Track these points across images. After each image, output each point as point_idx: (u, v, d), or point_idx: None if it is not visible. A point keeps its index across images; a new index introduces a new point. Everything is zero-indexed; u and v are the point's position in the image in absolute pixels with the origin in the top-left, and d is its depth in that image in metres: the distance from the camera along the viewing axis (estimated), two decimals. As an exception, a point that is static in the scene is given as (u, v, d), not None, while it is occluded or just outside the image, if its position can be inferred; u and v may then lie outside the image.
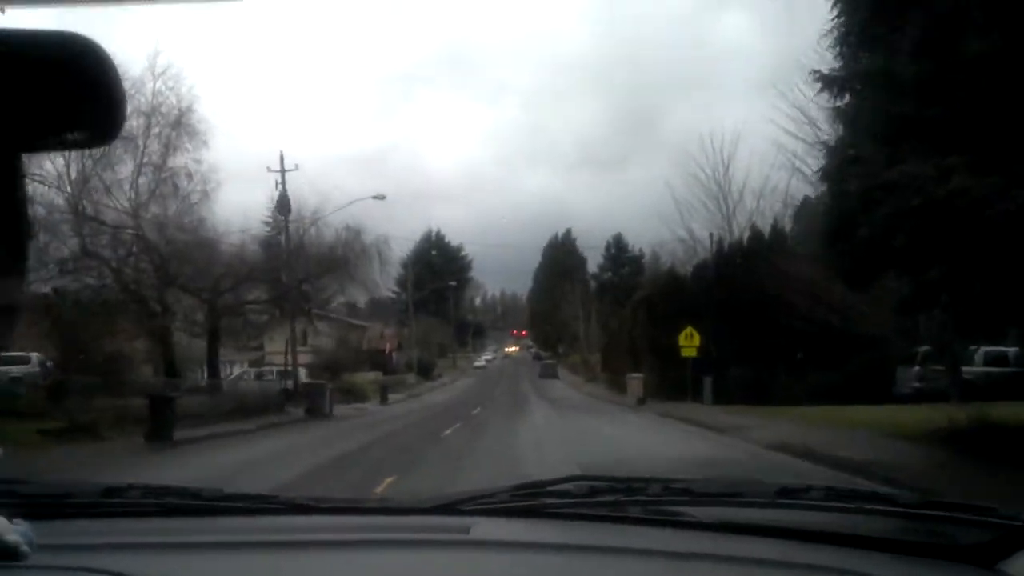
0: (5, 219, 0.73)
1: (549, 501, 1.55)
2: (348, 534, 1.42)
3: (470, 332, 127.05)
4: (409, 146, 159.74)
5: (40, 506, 1.36)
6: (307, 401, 27.75)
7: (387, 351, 72.75)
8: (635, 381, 31.75)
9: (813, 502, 1.52)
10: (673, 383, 31.07)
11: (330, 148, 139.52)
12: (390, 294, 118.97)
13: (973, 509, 1.43)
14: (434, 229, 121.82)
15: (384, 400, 38.38)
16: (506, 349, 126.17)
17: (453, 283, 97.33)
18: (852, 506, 1.50)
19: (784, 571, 1.23)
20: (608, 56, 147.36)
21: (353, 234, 35.92)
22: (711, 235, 34.18)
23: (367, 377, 53.50)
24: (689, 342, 30.39)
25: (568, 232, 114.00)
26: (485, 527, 1.43)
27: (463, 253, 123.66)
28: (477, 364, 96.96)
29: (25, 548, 0.78)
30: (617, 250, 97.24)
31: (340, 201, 36.53)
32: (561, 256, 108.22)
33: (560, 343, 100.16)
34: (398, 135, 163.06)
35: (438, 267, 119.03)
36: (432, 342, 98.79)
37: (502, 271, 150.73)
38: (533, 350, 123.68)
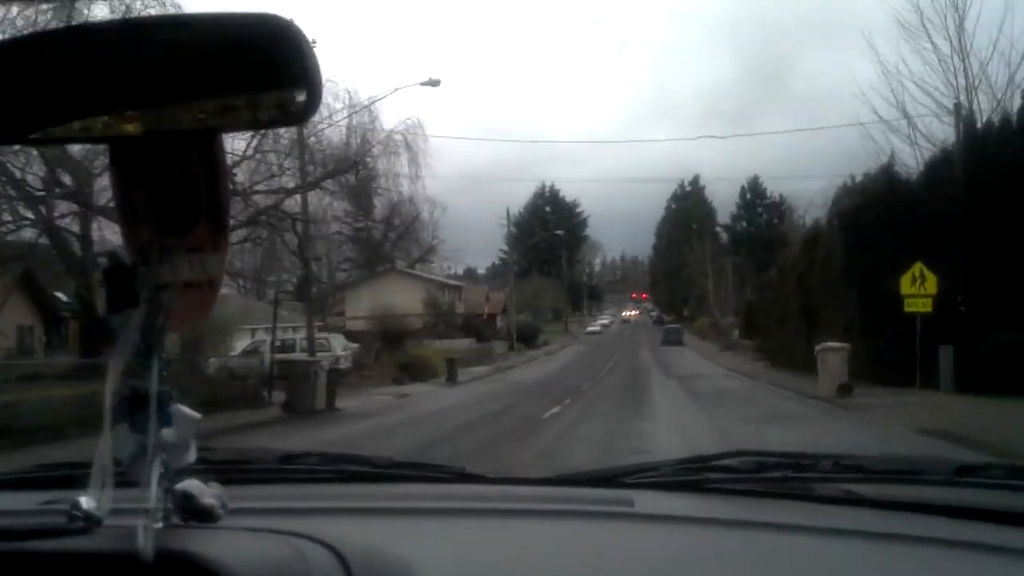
0: (209, 198, 0.78)
1: (713, 476, 1.53)
2: (516, 503, 1.43)
3: (585, 294, 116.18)
4: (529, 109, 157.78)
5: (225, 471, 1.39)
6: (288, 391, 17.78)
7: (483, 315, 63.10)
8: (833, 356, 18.73)
9: (993, 480, 1.48)
10: (885, 357, 19.29)
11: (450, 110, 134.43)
12: (502, 255, 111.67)
13: None
14: (548, 183, 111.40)
15: (452, 379, 28.28)
16: (624, 313, 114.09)
17: (560, 232, 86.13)
18: None
19: (957, 551, 1.15)
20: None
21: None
22: (956, 104, 20.99)
23: (457, 346, 44.24)
24: (918, 289, 18.55)
25: (696, 180, 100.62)
26: (649, 500, 1.41)
27: (579, 209, 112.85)
28: (591, 329, 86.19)
29: (220, 511, 0.83)
30: (753, 195, 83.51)
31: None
32: (688, 207, 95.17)
33: (685, 305, 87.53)
34: (518, 98, 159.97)
35: (552, 224, 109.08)
36: (542, 306, 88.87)
37: (624, 234, 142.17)
38: (655, 313, 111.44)
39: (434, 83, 25.24)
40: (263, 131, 17.43)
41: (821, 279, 24.28)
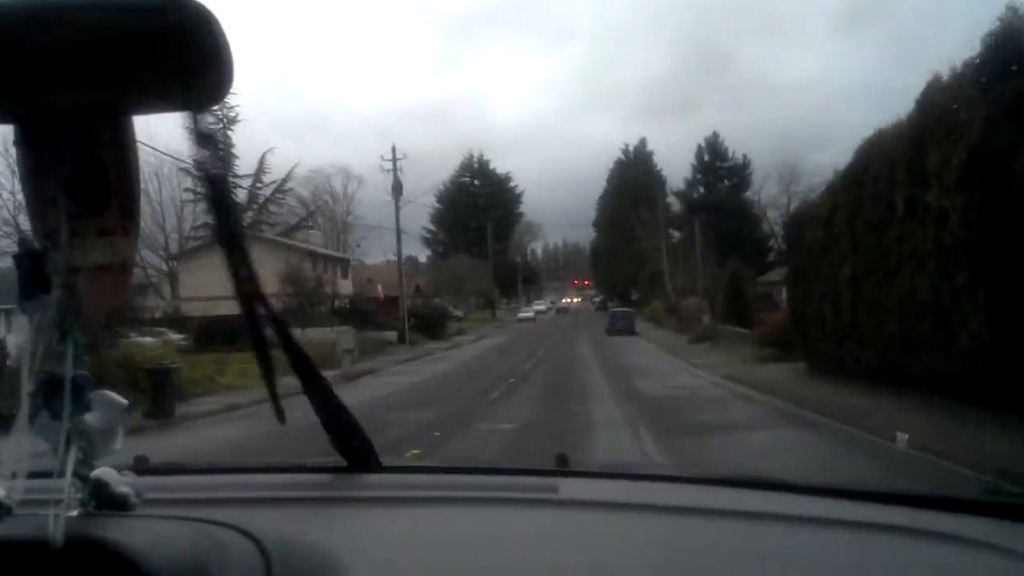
0: (119, 181, 0.77)
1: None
2: (438, 491, 1.41)
3: (520, 278, 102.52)
4: (470, 98, 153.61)
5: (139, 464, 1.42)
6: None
7: (378, 298, 48.79)
8: None
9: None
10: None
11: (393, 102, 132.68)
12: (425, 234, 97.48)
13: None
14: (476, 153, 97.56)
15: (161, 407, 14.17)
16: (563, 300, 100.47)
17: (472, 180, 72.54)
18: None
19: (869, 533, 1.16)
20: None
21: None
22: None
23: (324, 337, 30.25)
24: None
25: (643, 143, 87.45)
26: (573, 486, 1.42)
27: (512, 184, 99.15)
28: (522, 316, 72.60)
29: (134, 499, 0.82)
30: (712, 156, 70.57)
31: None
32: (634, 176, 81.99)
33: (633, 288, 74.28)
34: (460, 87, 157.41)
35: (481, 199, 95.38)
36: (465, 289, 74.99)
37: (565, 220, 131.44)
38: (598, 299, 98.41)
39: None
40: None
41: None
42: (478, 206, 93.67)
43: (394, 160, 40.52)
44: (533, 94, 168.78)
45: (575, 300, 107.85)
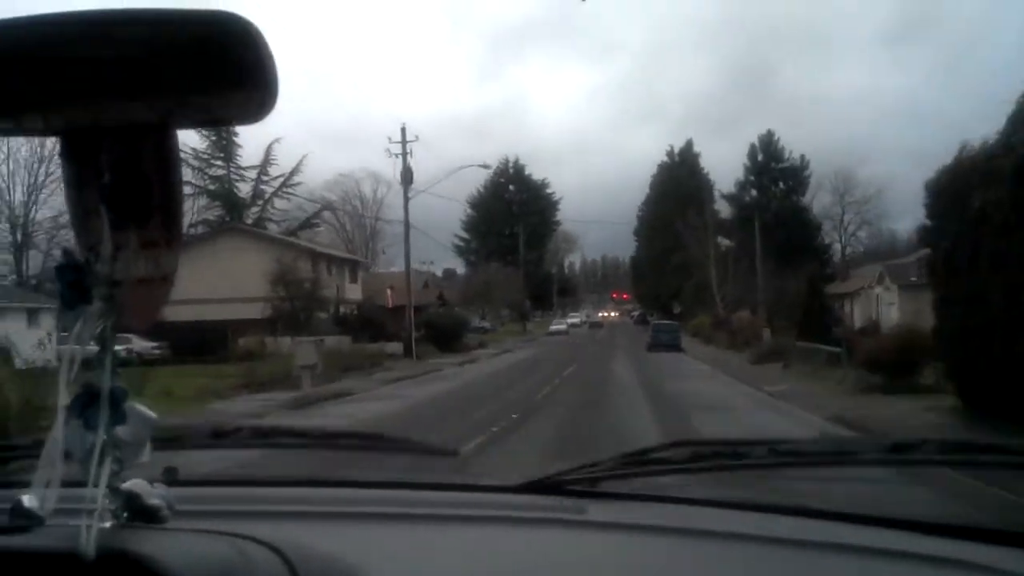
0: (162, 194, 0.77)
1: (653, 468, 1.52)
2: (467, 510, 1.40)
3: (555, 290, 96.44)
4: (514, 110, 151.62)
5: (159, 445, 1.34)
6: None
7: (388, 305, 43.31)
8: None
9: (928, 456, 1.48)
10: None
11: (434, 113, 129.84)
12: (457, 242, 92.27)
13: None
14: (512, 158, 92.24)
15: None
16: (599, 314, 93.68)
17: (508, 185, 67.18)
18: (966, 459, 1.47)
19: (895, 563, 1.16)
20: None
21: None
22: None
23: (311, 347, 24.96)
24: None
25: (689, 145, 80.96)
26: (600, 509, 1.40)
27: (548, 190, 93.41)
28: (554, 328, 66.64)
29: (166, 511, 0.83)
30: (767, 157, 64.03)
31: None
32: (679, 179, 75.66)
33: (676, 301, 67.72)
34: (504, 98, 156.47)
35: (516, 205, 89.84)
36: (495, 299, 69.27)
37: (605, 237, 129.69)
38: (636, 313, 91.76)
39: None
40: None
41: None
42: (512, 213, 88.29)
43: (403, 143, 34.94)
44: (577, 107, 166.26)
45: (612, 314, 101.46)
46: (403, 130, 35.06)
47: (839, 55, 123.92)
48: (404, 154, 34.52)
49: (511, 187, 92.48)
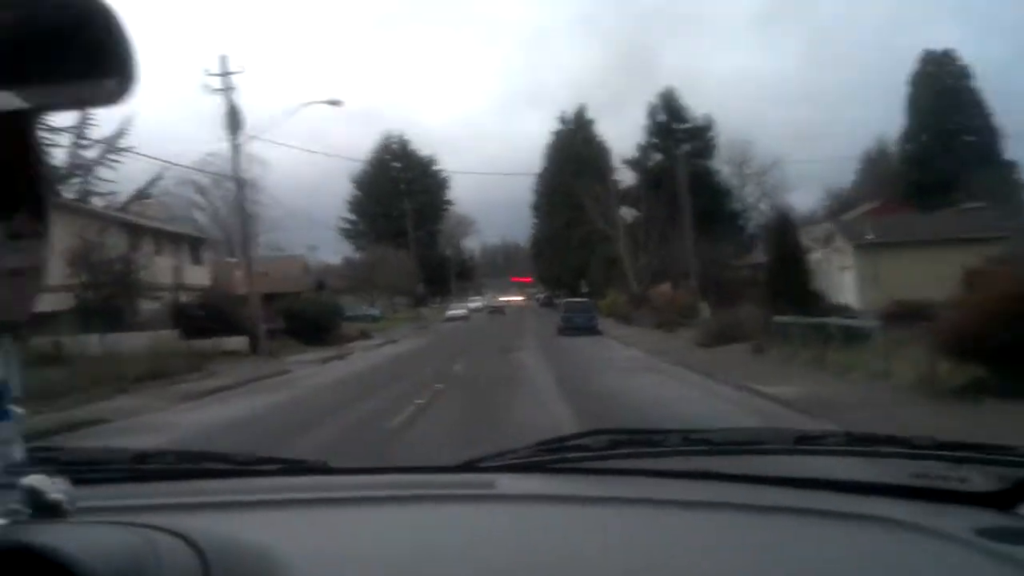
0: (27, 179, 0.75)
1: (570, 455, 1.56)
2: (377, 491, 1.43)
3: (452, 273, 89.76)
4: (397, 96, 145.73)
5: (78, 471, 1.32)
6: None
7: (231, 294, 35.57)
8: None
9: (831, 447, 1.54)
10: None
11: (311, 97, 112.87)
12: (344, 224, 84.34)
13: (991, 449, 1.42)
14: (395, 134, 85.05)
15: None
16: (500, 298, 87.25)
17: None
18: (869, 450, 1.52)
19: (801, 518, 1.23)
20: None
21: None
22: None
23: (133, 342, 18.10)
24: None
25: (582, 111, 75.21)
26: (509, 482, 1.45)
27: (436, 167, 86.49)
28: (452, 314, 60.14)
29: (68, 506, 0.82)
30: (669, 116, 58.88)
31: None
32: (574, 146, 70.04)
33: (583, 279, 62.07)
34: (385, 84, 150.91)
35: (403, 183, 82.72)
36: (383, 284, 62.12)
37: (502, 221, 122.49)
38: (542, 296, 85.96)
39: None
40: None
41: None
42: (400, 191, 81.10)
43: (226, 76, 27.06)
44: (465, 94, 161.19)
45: (517, 298, 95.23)
46: (223, 59, 27.36)
47: (718, 35, 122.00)
48: (228, 93, 26.85)
49: (397, 164, 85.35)
